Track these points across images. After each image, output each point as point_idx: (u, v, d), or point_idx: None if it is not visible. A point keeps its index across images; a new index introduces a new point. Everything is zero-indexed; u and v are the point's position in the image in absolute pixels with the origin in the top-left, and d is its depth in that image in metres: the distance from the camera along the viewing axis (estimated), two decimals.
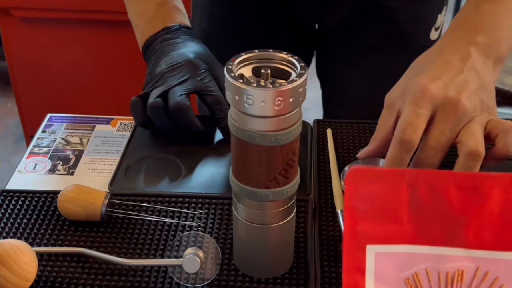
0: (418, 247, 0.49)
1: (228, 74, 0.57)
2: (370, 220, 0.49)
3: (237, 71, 0.59)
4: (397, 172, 0.49)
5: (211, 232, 0.74)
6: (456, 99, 0.67)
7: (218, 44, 1.06)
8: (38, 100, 2.03)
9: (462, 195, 0.48)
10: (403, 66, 0.75)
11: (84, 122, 0.93)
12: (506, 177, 0.47)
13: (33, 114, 2.05)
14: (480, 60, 0.71)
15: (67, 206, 0.73)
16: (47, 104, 2.02)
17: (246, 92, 0.55)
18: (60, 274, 0.69)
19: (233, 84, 0.56)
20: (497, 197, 0.48)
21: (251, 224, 0.64)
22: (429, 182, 0.48)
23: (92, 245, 0.72)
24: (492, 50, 0.73)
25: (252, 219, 0.64)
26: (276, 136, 0.58)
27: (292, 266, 0.70)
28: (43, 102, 2.03)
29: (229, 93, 0.57)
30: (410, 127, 0.66)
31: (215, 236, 0.73)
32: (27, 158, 0.86)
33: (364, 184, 0.49)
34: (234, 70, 0.58)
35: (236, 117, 0.58)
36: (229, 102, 0.58)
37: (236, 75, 0.57)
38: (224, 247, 0.72)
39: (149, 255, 0.71)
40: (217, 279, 0.68)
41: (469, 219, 0.48)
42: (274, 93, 0.55)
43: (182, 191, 0.79)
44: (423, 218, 0.49)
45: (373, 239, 0.49)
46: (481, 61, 0.71)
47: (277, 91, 0.55)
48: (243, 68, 0.60)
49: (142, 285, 0.68)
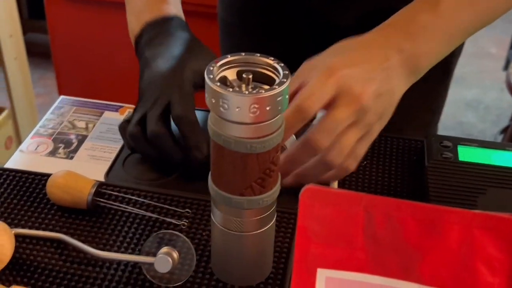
0: (371, 276, 0.47)
1: (207, 75, 0.55)
2: (323, 243, 0.47)
3: (220, 73, 0.57)
4: (353, 196, 0.46)
5: (195, 233, 0.73)
6: (359, 93, 0.67)
7: (236, 34, 1.04)
8: (75, 77, 2.06)
9: (420, 227, 0.45)
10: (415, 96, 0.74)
11: (94, 107, 0.93)
12: (467, 214, 0.45)
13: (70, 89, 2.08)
14: (397, 67, 0.70)
15: (54, 191, 0.73)
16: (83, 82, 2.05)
17: (222, 96, 0.54)
18: (37, 259, 0.69)
19: (209, 86, 0.55)
20: (456, 234, 0.45)
21: (227, 230, 0.63)
22: (386, 210, 0.46)
23: (75, 233, 0.72)
24: (412, 61, 0.71)
25: (227, 225, 0.63)
26: (252, 144, 0.56)
27: (269, 276, 0.68)
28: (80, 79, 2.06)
29: (207, 95, 0.56)
30: (313, 97, 0.66)
31: (198, 238, 0.72)
32: (32, 138, 0.87)
33: (319, 204, 0.47)
34: (215, 72, 0.56)
35: (213, 120, 0.57)
36: (207, 104, 0.57)
37: (215, 78, 0.55)
38: (205, 249, 0.71)
39: (129, 249, 0.70)
40: (191, 281, 0.67)
41: (425, 254, 0.46)
42: (250, 99, 0.53)
43: (175, 189, 0.78)
44: (377, 247, 0.46)
45: (325, 262, 0.47)
46: (398, 68, 0.70)
47: (253, 98, 0.53)
48: (227, 70, 0.58)
49: (115, 278, 0.67)
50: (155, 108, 0.74)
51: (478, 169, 0.79)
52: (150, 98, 0.75)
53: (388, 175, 0.82)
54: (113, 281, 0.67)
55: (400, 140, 0.88)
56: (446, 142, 0.84)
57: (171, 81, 0.75)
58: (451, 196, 0.74)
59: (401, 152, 0.86)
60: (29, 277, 0.67)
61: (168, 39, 0.79)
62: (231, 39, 1.06)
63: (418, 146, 0.87)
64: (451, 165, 0.79)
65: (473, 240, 0.45)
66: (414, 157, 0.85)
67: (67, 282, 0.66)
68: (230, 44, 1.06)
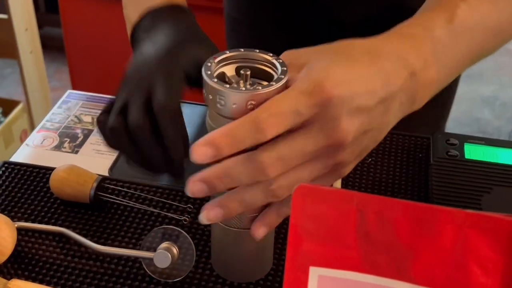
0: (363, 275, 0.47)
1: (204, 72, 0.55)
2: (316, 241, 0.47)
3: (218, 69, 0.57)
4: (346, 194, 0.46)
5: (196, 229, 0.73)
6: (342, 127, 0.52)
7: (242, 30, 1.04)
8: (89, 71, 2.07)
9: (412, 227, 0.45)
10: None
11: (101, 101, 0.93)
12: (460, 214, 0.44)
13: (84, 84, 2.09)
14: (401, 95, 0.56)
15: (57, 185, 0.74)
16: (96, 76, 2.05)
17: (219, 92, 0.53)
18: (39, 252, 0.69)
19: (206, 82, 0.54)
20: (449, 234, 0.44)
21: (226, 227, 0.63)
22: (378, 209, 0.45)
23: (77, 227, 0.72)
24: (419, 90, 0.58)
25: (227, 221, 0.62)
26: None
27: (269, 273, 0.68)
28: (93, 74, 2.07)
29: (205, 91, 0.56)
30: (280, 117, 0.51)
31: (199, 233, 0.72)
32: (38, 132, 0.87)
33: (311, 202, 0.46)
34: (213, 68, 0.56)
35: (211, 116, 0.57)
36: (205, 101, 0.56)
37: (212, 74, 0.55)
38: (205, 245, 0.71)
39: (130, 243, 0.71)
40: (191, 277, 0.67)
41: (417, 253, 0.45)
42: (247, 96, 0.53)
43: (179, 185, 0.78)
44: (370, 246, 0.46)
45: (317, 261, 0.47)
46: (401, 96, 0.56)
47: (250, 95, 0.53)
48: (226, 66, 0.58)
49: (115, 273, 0.67)
50: (138, 95, 0.61)
51: (484, 167, 0.78)
52: (133, 85, 0.62)
53: (393, 173, 0.81)
54: (114, 276, 0.67)
55: (406, 137, 0.87)
56: (452, 140, 0.83)
57: (159, 67, 0.62)
58: (455, 195, 0.74)
59: (407, 149, 0.85)
60: (30, 270, 0.67)
61: (167, 25, 0.68)
62: (237, 35, 1.06)
63: (424, 143, 0.86)
64: (456, 163, 0.78)
65: (466, 240, 0.44)
66: (420, 154, 0.85)
67: (68, 276, 0.67)
68: (236, 40, 1.06)
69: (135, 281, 0.66)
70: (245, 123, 0.52)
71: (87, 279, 0.67)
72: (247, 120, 0.52)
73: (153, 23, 0.69)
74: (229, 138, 0.52)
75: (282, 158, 0.52)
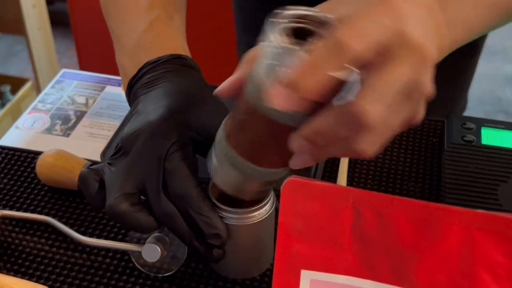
0: (359, 280, 0.42)
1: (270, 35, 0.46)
2: (307, 241, 0.42)
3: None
4: (340, 190, 0.41)
5: None
6: (421, 44, 0.43)
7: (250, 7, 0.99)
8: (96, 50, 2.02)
9: (414, 228, 0.40)
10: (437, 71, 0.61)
11: (95, 81, 0.88)
12: (468, 214, 0.39)
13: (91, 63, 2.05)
14: None
15: (44, 171, 0.70)
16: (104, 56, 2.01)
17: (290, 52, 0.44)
18: (23, 243, 0.65)
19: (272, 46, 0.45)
20: (456, 236, 0.39)
21: None
22: (375, 208, 0.40)
23: (63, 215, 0.68)
24: None
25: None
26: None
27: (268, 270, 0.63)
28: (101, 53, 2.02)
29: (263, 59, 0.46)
30: (361, 31, 0.42)
31: None
32: (29, 114, 0.83)
33: (302, 199, 0.41)
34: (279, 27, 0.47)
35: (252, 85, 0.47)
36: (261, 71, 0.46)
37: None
38: None
39: (119, 234, 0.66)
40: (182, 271, 0.63)
41: (420, 257, 0.40)
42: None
43: None
44: (367, 248, 0.41)
45: (309, 263, 0.42)
46: None
47: None
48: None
49: (102, 266, 0.63)
50: (154, 181, 0.57)
51: (502, 154, 0.72)
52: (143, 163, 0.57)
53: (403, 159, 0.76)
54: (101, 269, 0.63)
55: None
56: (469, 124, 0.77)
57: (167, 142, 0.57)
58: (469, 184, 0.68)
59: (419, 133, 0.80)
60: (12, 262, 0.63)
61: (170, 84, 0.62)
62: (245, 12, 1.01)
63: (438, 127, 0.81)
64: (472, 149, 0.73)
65: (474, 243, 0.40)
66: (434, 139, 0.79)
67: (52, 268, 0.63)
68: (244, 17, 1.01)
69: (123, 275, 0.62)
70: (325, 45, 0.43)
71: (73, 272, 0.63)
72: (327, 42, 0.43)
73: (153, 80, 0.63)
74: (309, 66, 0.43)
75: (378, 96, 0.43)
